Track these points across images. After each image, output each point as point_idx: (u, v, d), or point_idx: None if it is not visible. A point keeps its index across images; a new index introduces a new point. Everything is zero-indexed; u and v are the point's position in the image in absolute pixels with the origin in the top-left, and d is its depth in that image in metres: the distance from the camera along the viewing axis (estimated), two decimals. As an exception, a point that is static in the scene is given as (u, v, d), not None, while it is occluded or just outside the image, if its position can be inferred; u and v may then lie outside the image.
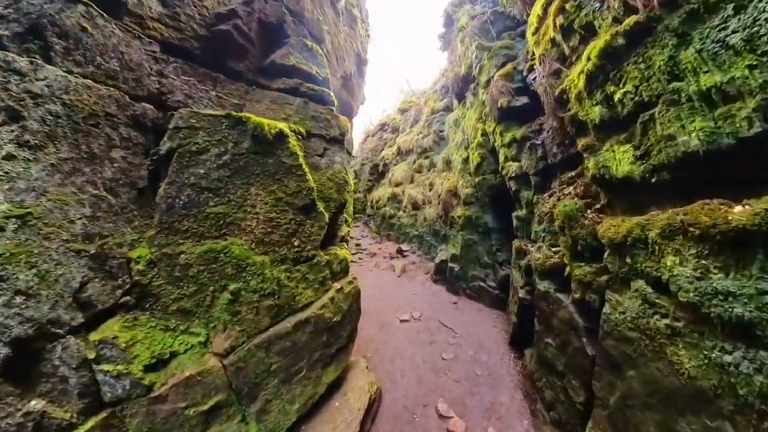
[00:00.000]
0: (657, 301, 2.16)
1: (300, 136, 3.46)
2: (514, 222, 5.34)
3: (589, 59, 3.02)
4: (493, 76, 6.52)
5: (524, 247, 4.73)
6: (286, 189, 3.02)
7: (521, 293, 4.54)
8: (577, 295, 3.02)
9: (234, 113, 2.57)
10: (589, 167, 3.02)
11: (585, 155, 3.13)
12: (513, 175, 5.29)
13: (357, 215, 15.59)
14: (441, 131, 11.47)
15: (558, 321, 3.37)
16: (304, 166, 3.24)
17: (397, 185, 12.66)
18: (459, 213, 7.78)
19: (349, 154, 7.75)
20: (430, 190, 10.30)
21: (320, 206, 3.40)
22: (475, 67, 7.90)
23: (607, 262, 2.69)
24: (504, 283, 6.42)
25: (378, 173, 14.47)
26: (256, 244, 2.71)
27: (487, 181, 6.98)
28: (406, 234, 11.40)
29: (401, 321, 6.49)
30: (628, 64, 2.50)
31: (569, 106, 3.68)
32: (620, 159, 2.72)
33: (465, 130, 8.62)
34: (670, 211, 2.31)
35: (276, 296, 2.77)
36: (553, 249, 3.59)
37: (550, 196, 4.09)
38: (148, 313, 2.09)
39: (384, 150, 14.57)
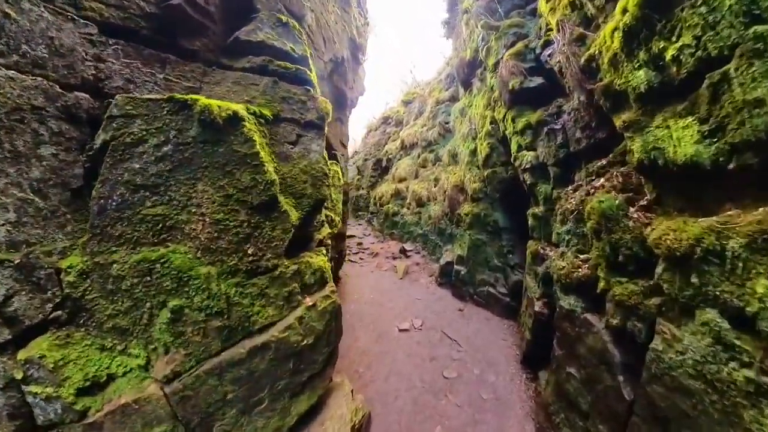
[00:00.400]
0: (736, 342, 1.61)
1: (262, 120, 2.90)
2: (530, 221, 4.60)
3: (625, 11, 2.39)
4: (502, 57, 5.76)
5: (541, 250, 3.99)
6: (237, 184, 2.51)
7: (537, 306, 3.82)
8: (614, 321, 2.31)
9: (178, 96, 2.26)
10: (633, 150, 2.29)
11: (627, 134, 2.40)
12: (527, 166, 4.54)
13: (360, 213, 14.97)
14: (446, 123, 10.72)
15: (585, 349, 2.66)
16: (262, 154, 2.66)
17: (400, 181, 11.96)
18: (466, 210, 7.05)
19: (344, 146, 7.09)
20: (435, 185, 9.57)
21: (284, 204, 2.77)
22: (482, 50, 7.13)
23: (662, 280, 1.98)
24: (516, 290, 5.69)
25: (381, 169, 13.80)
26: (202, 253, 2.32)
27: (497, 174, 6.23)
28: (410, 233, 10.71)
29: (400, 330, 5.84)
30: (682, 10, 1.96)
31: (600, 76, 2.95)
32: (679, 138, 2.01)
33: (472, 120, 7.85)
34: (762, 210, 1.61)
35: (225, 316, 2.35)
36: (582, 256, 2.86)
37: (575, 190, 3.35)
38: (83, 329, 1.93)
39: (387, 144, 13.87)
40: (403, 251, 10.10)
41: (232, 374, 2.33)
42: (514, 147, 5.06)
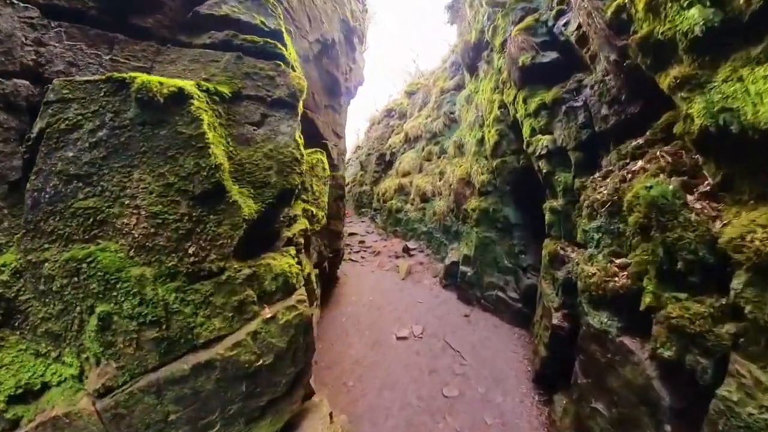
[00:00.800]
0: None
1: (217, 98, 2.52)
2: (546, 216, 3.94)
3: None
4: (510, 34, 5.10)
5: (561, 251, 3.36)
6: (179, 170, 2.16)
7: (556, 318, 3.19)
8: (665, 351, 1.70)
9: (116, 75, 2.09)
10: (693, 116, 1.66)
11: (681, 95, 1.77)
12: (543, 152, 3.90)
13: (363, 209, 14.42)
14: (452, 113, 10.05)
15: (620, 382, 2.05)
16: (209, 135, 2.24)
17: (404, 175, 11.35)
18: (473, 205, 6.40)
19: (339, 136, 6.53)
20: (441, 179, 8.93)
21: (235, 194, 2.26)
22: (488, 30, 6.48)
23: (741, 299, 1.37)
24: (529, 295, 5.04)
25: (385, 163, 13.20)
26: (136, 251, 2.06)
27: (507, 164, 5.57)
28: (413, 230, 10.11)
29: (398, 338, 5.28)
30: None
31: (633, 28, 2.32)
32: (760, 92, 1.40)
33: (478, 106, 7.18)
34: None
35: (163, 326, 2.06)
36: (618, 261, 2.22)
37: (605, 176, 2.71)
38: (17, 333, 1.89)
39: (391, 138, 13.26)
40: (406, 250, 9.51)
41: (174, 393, 2.03)
42: (526, 131, 4.40)
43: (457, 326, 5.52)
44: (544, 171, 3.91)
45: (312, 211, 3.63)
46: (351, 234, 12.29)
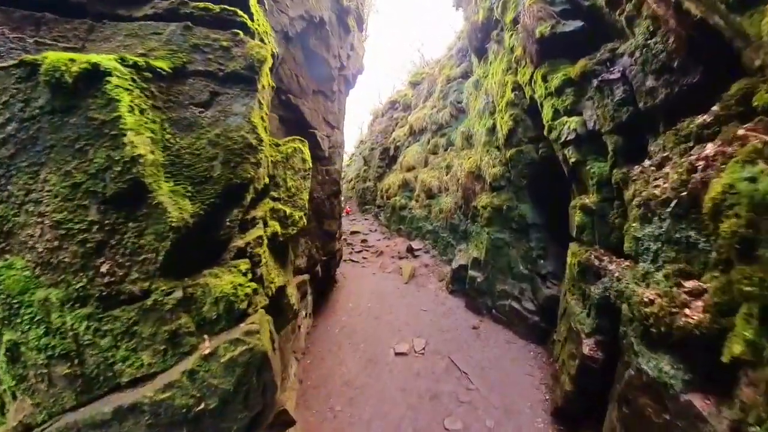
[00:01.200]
0: None
1: (150, 75, 2.09)
2: (576, 217, 3.20)
3: None
4: (524, 6, 4.41)
5: (596, 261, 2.66)
6: (88, 167, 1.70)
7: (587, 346, 2.52)
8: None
9: (28, 57, 1.78)
10: None
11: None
12: (570, 137, 3.21)
13: (367, 206, 13.81)
14: (459, 102, 9.33)
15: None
16: (126, 120, 1.73)
17: (408, 170, 10.68)
18: (484, 201, 5.71)
19: (332, 126, 5.86)
20: (447, 173, 8.24)
21: (162, 194, 1.72)
22: (497, 7, 5.77)
23: None
24: (548, 308, 4.36)
25: (389, 158, 12.54)
26: (42, 269, 1.70)
27: (523, 154, 4.87)
28: (418, 229, 9.45)
29: (397, 354, 4.67)
30: None
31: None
32: None
33: (488, 92, 6.45)
34: None
35: (75, 360, 1.71)
36: (688, 284, 1.54)
37: (660, 165, 2.02)
38: None
39: (395, 131, 12.57)
40: (410, 250, 8.87)
41: (96, 438, 1.67)
42: (547, 114, 3.70)
43: (464, 341, 4.87)
44: (572, 161, 3.20)
45: (285, 212, 3.03)
46: (353, 232, 11.72)
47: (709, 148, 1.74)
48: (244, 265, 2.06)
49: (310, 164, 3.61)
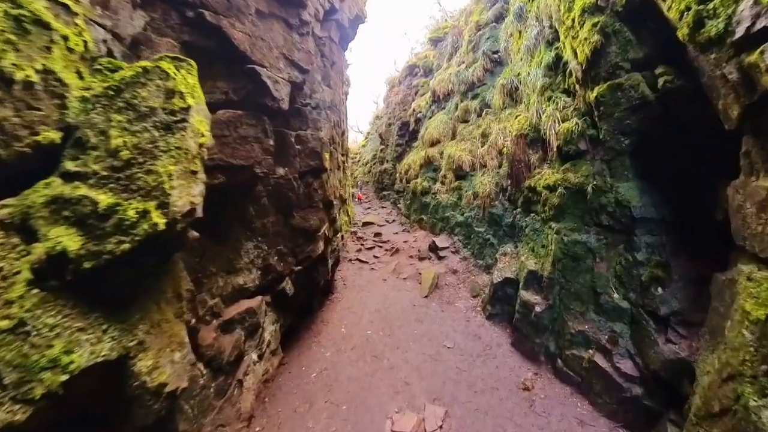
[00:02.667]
0: None
1: None
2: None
3: None
4: None
5: None
6: None
7: None
8: None
9: None
10: None
11: None
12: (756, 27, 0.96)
13: (385, 192, 11.81)
14: (494, 52, 7.01)
15: None
16: None
17: (432, 144, 8.48)
18: (547, 179, 3.56)
19: (301, 69, 3.72)
20: (483, 144, 6.00)
21: None
22: None
23: None
24: (664, 378, 2.21)
25: (409, 133, 10.37)
26: None
27: (623, 91, 2.70)
28: (444, 220, 7.35)
29: (399, 436, 2.78)
30: None
31: None
32: None
33: (540, 16, 4.13)
34: None
35: None
36: None
37: None
38: None
39: (415, 101, 10.32)
40: (433, 248, 6.83)
41: None
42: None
43: (508, 414, 2.86)
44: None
45: (96, 204, 1.17)
46: (366, 224, 9.84)
47: None
48: None
49: (190, 103, 1.73)
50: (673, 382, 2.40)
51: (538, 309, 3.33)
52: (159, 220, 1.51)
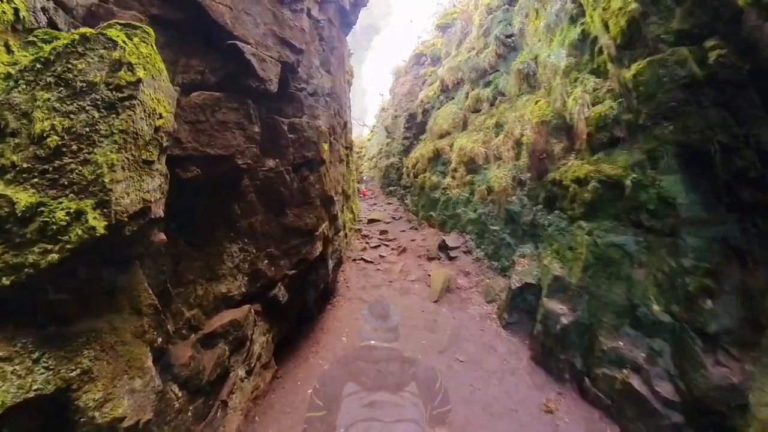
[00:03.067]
0: None
1: None
2: None
3: None
4: None
5: None
6: None
7: None
8: None
9: None
10: None
11: None
12: None
13: (392, 188, 11.39)
14: (508, 36, 6.52)
15: None
16: None
17: (441, 137, 8.04)
18: (576, 171, 3.12)
19: (294, 49, 3.28)
20: (497, 134, 5.54)
21: None
22: None
23: None
24: (709, 406, 1.76)
25: (416, 126, 9.92)
26: None
27: (666, 67, 2.26)
28: (455, 217, 6.92)
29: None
30: None
31: None
32: None
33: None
34: None
35: None
36: None
37: None
38: None
39: (422, 91, 9.84)
40: (443, 248, 6.43)
41: None
42: None
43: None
44: None
45: (12, 203, 0.80)
46: (371, 221, 9.46)
47: None
48: None
49: (140, 76, 1.36)
50: (721, 412, 1.98)
51: (564, 320, 2.90)
52: (97, 223, 1.17)
